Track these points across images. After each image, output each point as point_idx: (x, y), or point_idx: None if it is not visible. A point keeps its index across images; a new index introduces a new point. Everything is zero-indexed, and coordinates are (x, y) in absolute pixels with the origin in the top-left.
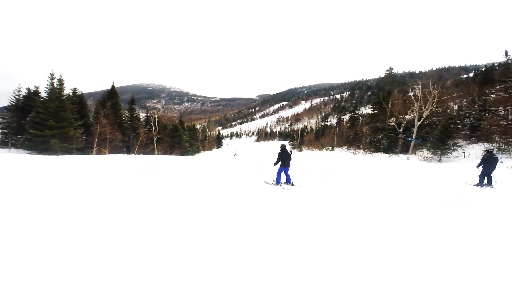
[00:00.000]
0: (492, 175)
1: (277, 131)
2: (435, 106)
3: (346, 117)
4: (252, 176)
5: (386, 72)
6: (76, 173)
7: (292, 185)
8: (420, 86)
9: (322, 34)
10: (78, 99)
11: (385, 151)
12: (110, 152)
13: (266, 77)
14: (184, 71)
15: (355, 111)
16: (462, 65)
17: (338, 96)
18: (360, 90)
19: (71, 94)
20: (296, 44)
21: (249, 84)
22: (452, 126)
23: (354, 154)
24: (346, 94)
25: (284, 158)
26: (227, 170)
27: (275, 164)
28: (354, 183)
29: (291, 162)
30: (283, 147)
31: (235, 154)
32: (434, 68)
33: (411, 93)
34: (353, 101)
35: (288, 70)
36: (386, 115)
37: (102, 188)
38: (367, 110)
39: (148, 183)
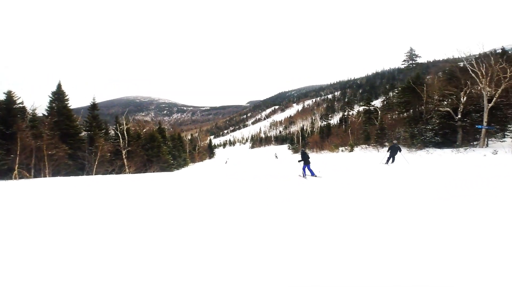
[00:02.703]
0: (395, 157)
1: (272, 135)
2: (508, 82)
3: (353, 112)
4: None
5: (407, 54)
6: None
7: (316, 176)
8: (474, 63)
9: (307, 37)
10: (5, 103)
11: (437, 145)
12: (55, 174)
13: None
14: (171, 81)
15: (370, 102)
16: (445, 58)
17: (330, 96)
18: (351, 89)
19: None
20: (282, 48)
21: (239, 91)
22: None
23: None
24: (337, 93)
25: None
26: None
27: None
28: None
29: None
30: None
31: (226, 162)
32: (420, 62)
33: (469, 66)
34: (345, 100)
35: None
36: (422, 101)
37: None
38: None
39: None
